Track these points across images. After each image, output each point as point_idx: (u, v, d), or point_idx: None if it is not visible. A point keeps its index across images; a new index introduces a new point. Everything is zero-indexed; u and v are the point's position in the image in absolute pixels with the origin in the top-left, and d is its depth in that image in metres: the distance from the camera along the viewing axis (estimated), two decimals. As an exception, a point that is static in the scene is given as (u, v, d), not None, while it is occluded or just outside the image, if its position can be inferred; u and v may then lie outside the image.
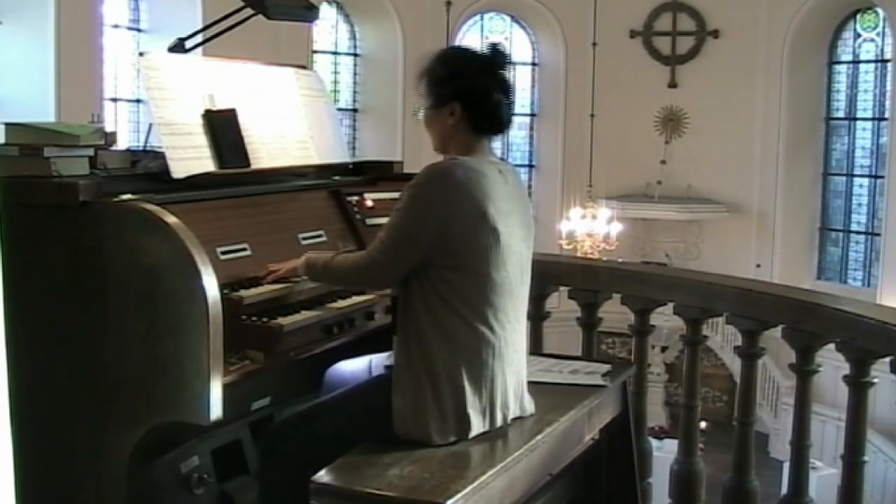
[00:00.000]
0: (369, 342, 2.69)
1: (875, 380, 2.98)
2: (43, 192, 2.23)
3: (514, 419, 2.37)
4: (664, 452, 6.58)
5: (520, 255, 2.37)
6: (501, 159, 2.48)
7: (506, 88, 2.41)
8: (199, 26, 3.07)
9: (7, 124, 2.43)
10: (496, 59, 2.42)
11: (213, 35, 2.99)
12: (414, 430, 2.23)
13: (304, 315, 2.46)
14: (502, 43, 13.76)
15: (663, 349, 13.24)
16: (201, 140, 2.61)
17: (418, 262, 2.25)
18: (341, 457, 2.14)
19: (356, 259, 2.40)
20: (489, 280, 2.27)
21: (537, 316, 3.68)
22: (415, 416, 2.23)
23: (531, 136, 14.27)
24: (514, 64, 13.85)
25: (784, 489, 3.38)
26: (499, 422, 2.31)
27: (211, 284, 2.06)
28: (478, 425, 2.27)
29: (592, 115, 13.47)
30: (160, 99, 2.55)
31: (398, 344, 2.32)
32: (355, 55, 13.10)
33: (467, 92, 2.35)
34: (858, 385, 2.98)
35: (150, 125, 2.65)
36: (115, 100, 10.19)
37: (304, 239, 2.80)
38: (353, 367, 2.65)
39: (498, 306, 2.29)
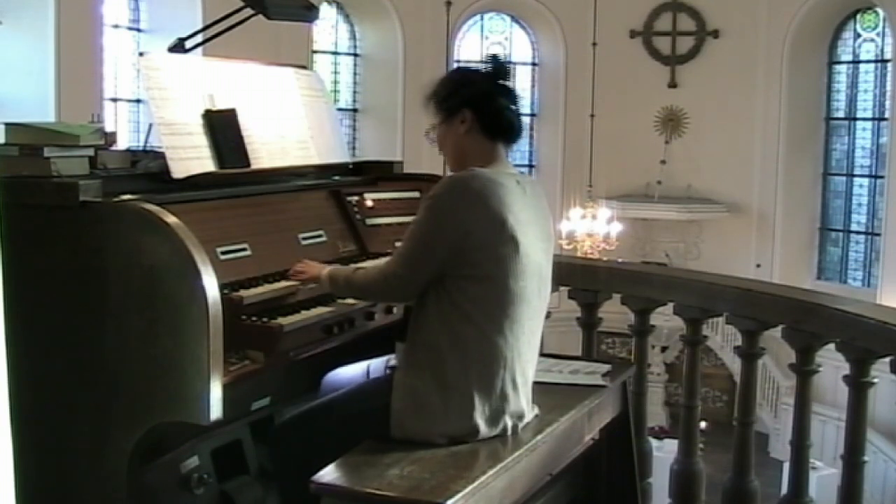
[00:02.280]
0: (366, 346, 2.69)
1: (875, 380, 2.98)
2: (43, 192, 2.23)
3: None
4: (664, 452, 6.59)
5: (539, 266, 2.35)
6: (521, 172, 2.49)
7: (510, 96, 2.43)
8: (199, 26, 3.07)
9: (7, 124, 2.43)
10: (497, 69, 2.44)
11: (213, 35, 2.99)
12: (414, 433, 2.22)
13: (304, 315, 2.46)
14: (503, 54, 13.80)
15: (663, 349, 13.25)
16: (201, 140, 2.61)
17: (437, 272, 2.25)
18: (341, 457, 2.14)
19: (376, 273, 2.39)
20: (507, 290, 2.26)
21: (537, 316, 3.68)
22: (417, 419, 2.23)
23: (531, 136, 14.25)
24: (514, 64, 13.86)
25: (784, 489, 3.38)
26: (509, 430, 2.31)
27: (211, 284, 2.06)
28: (485, 433, 2.27)
29: (592, 115, 13.47)
30: (160, 99, 2.55)
31: (406, 349, 2.32)
32: (355, 55, 13.11)
33: (474, 97, 2.39)
34: (858, 385, 2.98)
35: (150, 125, 2.64)
36: (115, 100, 10.19)
37: (304, 239, 2.80)
38: (351, 373, 2.65)
39: (514, 317, 2.28)
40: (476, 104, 2.38)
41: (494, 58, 2.48)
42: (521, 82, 13.97)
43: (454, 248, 2.22)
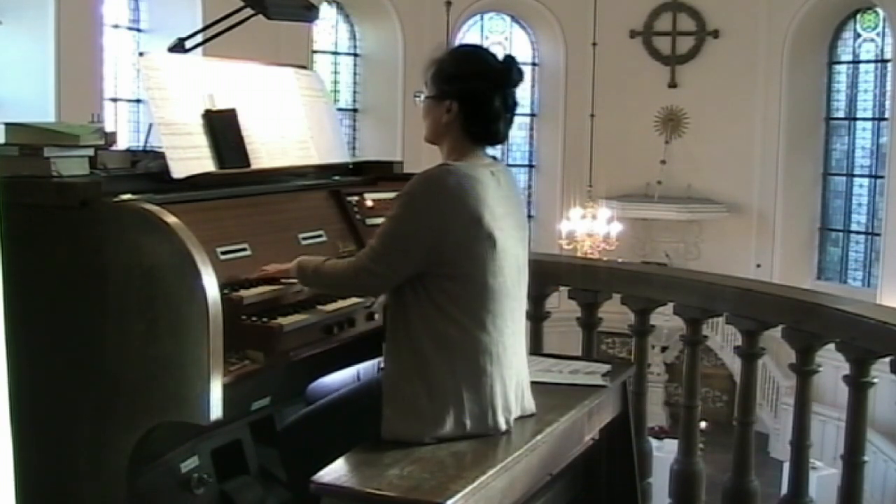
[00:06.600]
0: (357, 349, 2.68)
1: (875, 380, 2.98)
2: (43, 192, 2.23)
3: (515, 419, 2.36)
4: (664, 452, 6.59)
5: (516, 258, 2.35)
6: (493, 158, 2.44)
7: (509, 104, 2.36)
8: (199, 26, 3.07)
9: (7, 124, 2.42)
10: (509, 73, 2.35)
11: (213, 35, 2.99)
12: (405, 438, 2.21)
13: (305, 315, 2.46)
14: (519, 62, 13.78)
15: (663, 349, 13.25)
16: (201, 140, 2.61)
17: (411, 271, 2.23)
18: (341, 457, 2.14)
19: (346, 266, 2.35)
20: (486, 287, 2.25)
21: (537, 316, 3.68)
22: (406, 424, 2.22)
23: (531, 136, 14.27)
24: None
25: (784, 489, 3.38)
26: (502, 426, 2.30)
27: (211, 284, 2.06)
28: (475, 431, 2.26)
29: (592, 115, 13.47)
30: (160, 99, 2.55)
31: (389, 352, 2.31)
32: (355, 55, 13.11)
33: (469, 94, 2.32)
34: (858, 385, 2.98)
35: (150, 125, 2.64)
36: (115, 100, 10.19)
37: (304, 239, 2.80)
38: (339, 380, 2.64)
39: (496, 312, 2.27)
40: (467, 102, 2.31)
41: (511, 60, 2.38)
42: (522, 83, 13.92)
43: (431, 248, 2.20)
